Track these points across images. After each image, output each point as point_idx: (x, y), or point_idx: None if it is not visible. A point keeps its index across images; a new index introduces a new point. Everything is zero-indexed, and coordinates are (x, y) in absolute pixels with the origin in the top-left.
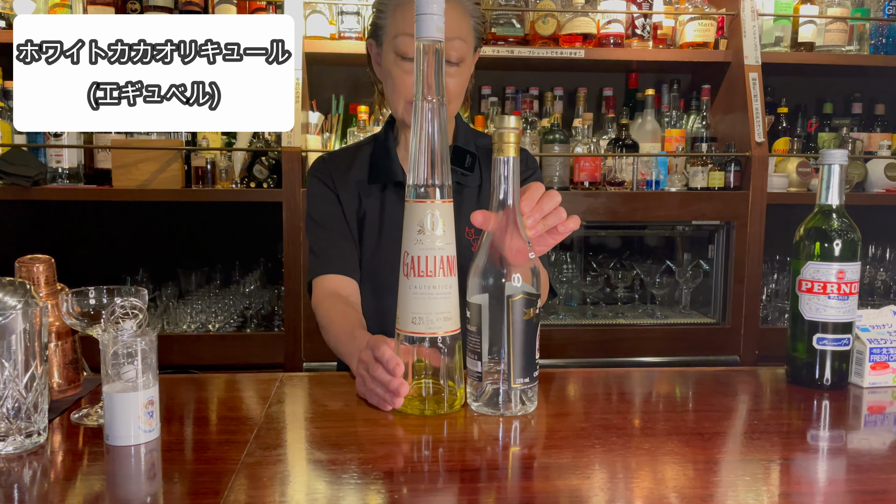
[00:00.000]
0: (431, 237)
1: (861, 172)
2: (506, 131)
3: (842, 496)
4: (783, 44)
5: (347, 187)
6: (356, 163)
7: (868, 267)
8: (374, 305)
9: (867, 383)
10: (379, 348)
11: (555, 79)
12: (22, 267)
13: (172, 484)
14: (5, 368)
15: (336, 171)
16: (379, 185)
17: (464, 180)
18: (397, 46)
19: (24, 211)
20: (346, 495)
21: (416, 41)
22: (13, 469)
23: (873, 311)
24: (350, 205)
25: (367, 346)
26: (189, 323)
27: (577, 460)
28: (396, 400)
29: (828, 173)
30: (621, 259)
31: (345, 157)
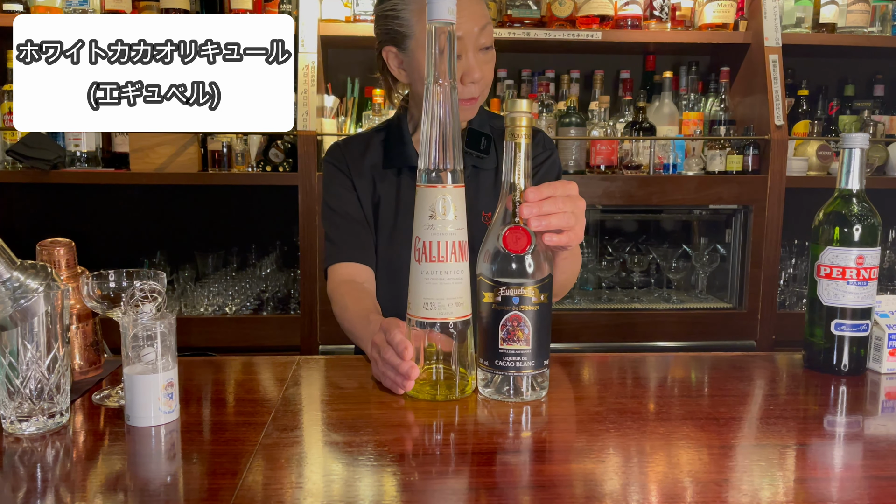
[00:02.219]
0: (443, 222)
1: (882, 156)
2: (518, 115)
3: (858, 482)
4: (804, 25)
5: (362, 173)
6: (371, 148)
7: (888, 252)
8: (390, 290)
9: (885, 369)
10: (391, 331)
11: (571, 61)
12: (43, 250)
13: (191, 464)
14: (28, 350)
15: (351, 157)
16: (394, 170)
17: (480, 163)
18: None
19: (44, 194)
20: (361, 477)
21: (427, 24)
22: (36, 449)
23: (892, 297)
24: (365, 190)
25: (381, 329)
26: (206, 305)
27: (592, 444)
28: (407, 383)
29: (848, 157)
30: (637, 243)
31: (360, 143)
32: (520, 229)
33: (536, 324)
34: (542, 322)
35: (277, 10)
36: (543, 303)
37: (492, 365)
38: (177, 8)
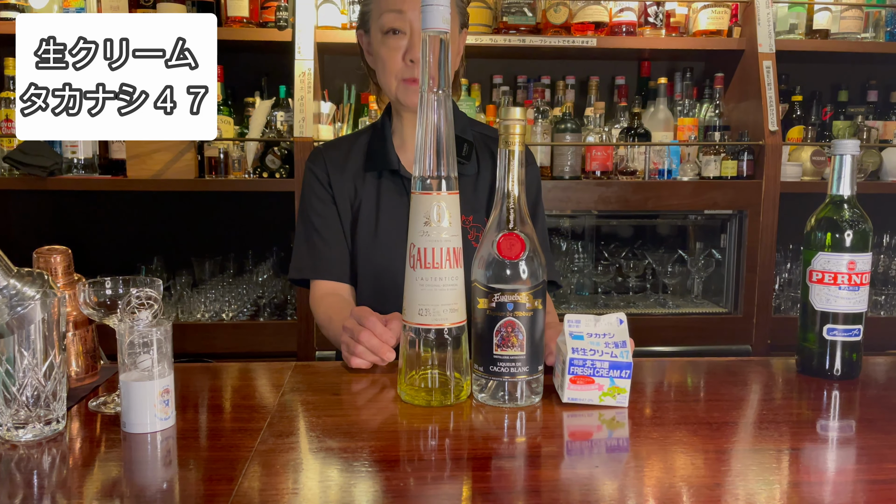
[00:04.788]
0: (438, 229)
1: (876, 161)
2: (511, 123)
3: (851, 485)
4: (798, 31)
5: (343, 177)
6: (353, 152)
7: (883, 256)
8: (372, 289)
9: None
10: (367, 319)
11: (567, 67)
12: (40, 258)
13: (188, 470)
14: (25, 357)
15: (331, 162)
16: (375, 173)
17: (460, 169)
18: (382, 25)
19: (41, 201)
20: (357, 483)
21: (422, 32)
22: (33, 456)
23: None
24: (344, 196)
25: (352, 316)
26: (203, 311)
27: (587, 449)
28: (384, 350)
29: (839, 164)
30: (633, 248)
31: (341, 147)
32: (514, 236)
33: (531, 329)
34: (536, 328)
35: (274, 18)
36: (538, 309)
37: (486, 370)
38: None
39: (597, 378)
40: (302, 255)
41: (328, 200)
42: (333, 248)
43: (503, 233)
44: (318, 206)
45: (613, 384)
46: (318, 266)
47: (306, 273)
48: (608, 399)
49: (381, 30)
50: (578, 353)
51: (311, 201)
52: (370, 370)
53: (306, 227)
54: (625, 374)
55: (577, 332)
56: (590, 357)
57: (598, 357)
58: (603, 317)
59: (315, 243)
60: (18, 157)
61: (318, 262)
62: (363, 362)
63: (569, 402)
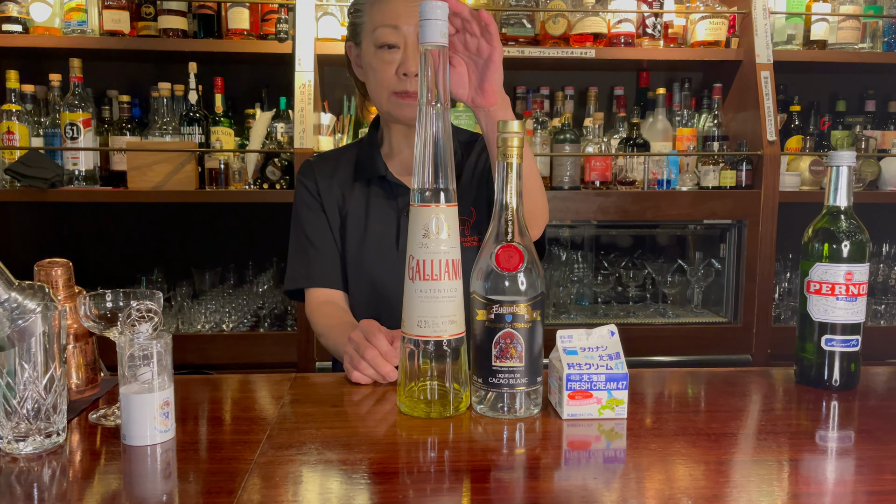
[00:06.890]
0: (436, 241)
1: (875, 170)
2: (510, 135)
3: (850, 496)
4: (795, 42)
5: (331, 183)
6: (342, 163)
7: (882, 265)
8: (362, 295)
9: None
10: (375, 335)
11: (565, 78)
12: (41, 270)
13: (187, 483)
14: (25, 370)
15: (320, 172)
16: (363, 182)
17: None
18: (376, 39)
19: (42, 212)
20: (356, 494)
21: (420, 46)
22: (33, 468)
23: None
24: (333, 206)
25: (360, 329)
26: (203, 322)
27: (586, 460)
28: (391, 374)
29: (836, 174)
30: (633, 258)
31: (331, 158)
32: (512, 247)
33: (529, 341)
34: (535, 339)
35: (274, 30)
36: (536, 320)
37: (485, 382)
38: (175, 28)
39: (594, 392)
40: (295, 265)
41: (317, 209)
42: (326, 255)
43: (501, 245)
44: (307, 215)
45: (611, 396)
46: (311, 274)
47: (300, 282)
48: (607, 412)
49: (375, 44)
50: (574, 368)
51: (301, 211)
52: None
53: (298, 238)
54: (621, 385)
55: (570, 348)
56: (586, 371)
57: (594, 371)
58: (594, 330)
59: (307, 252)
60: (19, 170)
61: (312, 270)
62: (364, 378)
63: (568, 417)
